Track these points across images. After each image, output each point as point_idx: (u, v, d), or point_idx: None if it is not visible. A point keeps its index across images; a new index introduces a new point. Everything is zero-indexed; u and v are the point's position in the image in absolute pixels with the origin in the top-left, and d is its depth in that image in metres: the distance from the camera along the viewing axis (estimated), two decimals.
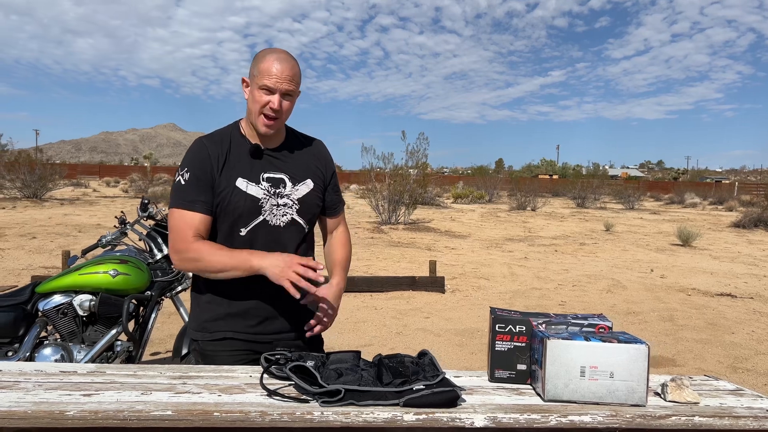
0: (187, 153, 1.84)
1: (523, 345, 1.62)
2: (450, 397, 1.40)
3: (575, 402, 1.46)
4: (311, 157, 1.96)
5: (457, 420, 1.35)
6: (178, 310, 3.50)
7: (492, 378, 1.64)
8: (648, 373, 1.46)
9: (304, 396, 1.42)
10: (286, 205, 1.85)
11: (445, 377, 1.48)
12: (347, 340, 5.09)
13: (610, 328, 1.63)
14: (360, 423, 1.32)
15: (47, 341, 3.07)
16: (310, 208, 1.91)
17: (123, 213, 3.62)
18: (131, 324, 3.17)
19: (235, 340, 1.84)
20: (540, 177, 65.02)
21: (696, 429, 1.40)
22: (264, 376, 1.50)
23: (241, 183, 1.80)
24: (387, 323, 5.71)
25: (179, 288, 3.38)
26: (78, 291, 3.04)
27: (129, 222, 3.50)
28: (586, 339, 1.49)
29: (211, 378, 1.58)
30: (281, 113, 1.79)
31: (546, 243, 12.77)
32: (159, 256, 3.32)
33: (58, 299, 3.05)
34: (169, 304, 3.67)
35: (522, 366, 1.62)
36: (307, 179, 1.91)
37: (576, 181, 33.18)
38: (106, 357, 3.09)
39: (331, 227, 2.07)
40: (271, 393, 1.43)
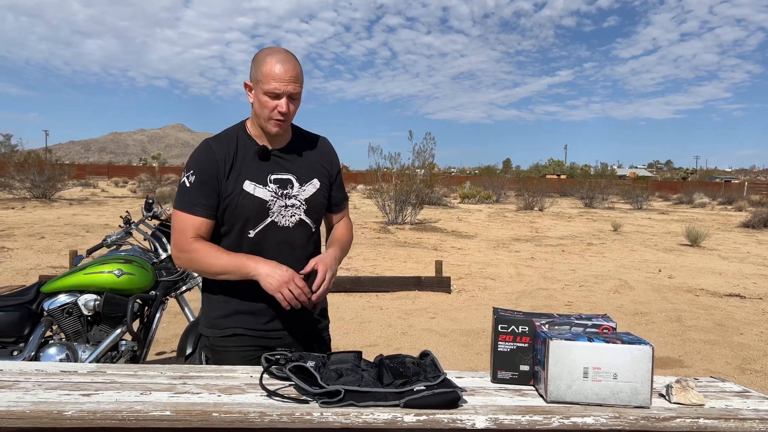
0: (194, 154, 1.84)
1: (526, 346, 1.60)
2: (451, 398, 1.39)
3: (578, 403, 1.44)
4: (317, 156, 1.97)
5: (458, 421, 1.33)
6: (182, 309, 3.51)
7: (494, 379, 1.62)
8: (652, 375, 1.44)
9: (304, 396, 1.41)
10: (293, 206, 1.86)
11: (447, 378, 1.47)
12: (353, 340, 5.09)
13: (614, 328, 1.61)
14: (360, 424, 1.31)
15: (52, 341, 3.08)
16: (317, 207, 1.92)
17: (128, 213, 3.63)
18: (136, 323, 3.17)
19: (245, 336, 1.85)
20: (548, 177, 64.85)
21: (701, 431, 1.38)
22: (264, 376, 1.49)
23: (249, 186, 1.81)
24: (392, 323, 5.69)
25: (184, 288, 3.39)
26: (83, 290, 3.05)
27: (134, 222, 3.50)
28: (589, 340, 1.47)
29: (212, 378, 1.57)
30: (289, 115, 1.80)
31: (553, 243, 12.72)
32: (163, 255, 3.33)
33: (63, 299, 3.06)
34: (174, 303, 3.67)
35: (525, 367, 1.61)
36: (314, 179, 1.92)
37: (584, 181, 33.03)
38: (110, 356, 3.09)
39: (335, 222, 2.09)
40: (271, 393, 1.43)
